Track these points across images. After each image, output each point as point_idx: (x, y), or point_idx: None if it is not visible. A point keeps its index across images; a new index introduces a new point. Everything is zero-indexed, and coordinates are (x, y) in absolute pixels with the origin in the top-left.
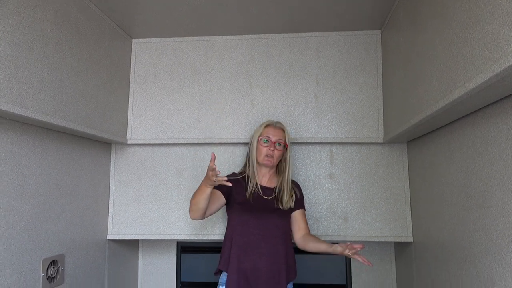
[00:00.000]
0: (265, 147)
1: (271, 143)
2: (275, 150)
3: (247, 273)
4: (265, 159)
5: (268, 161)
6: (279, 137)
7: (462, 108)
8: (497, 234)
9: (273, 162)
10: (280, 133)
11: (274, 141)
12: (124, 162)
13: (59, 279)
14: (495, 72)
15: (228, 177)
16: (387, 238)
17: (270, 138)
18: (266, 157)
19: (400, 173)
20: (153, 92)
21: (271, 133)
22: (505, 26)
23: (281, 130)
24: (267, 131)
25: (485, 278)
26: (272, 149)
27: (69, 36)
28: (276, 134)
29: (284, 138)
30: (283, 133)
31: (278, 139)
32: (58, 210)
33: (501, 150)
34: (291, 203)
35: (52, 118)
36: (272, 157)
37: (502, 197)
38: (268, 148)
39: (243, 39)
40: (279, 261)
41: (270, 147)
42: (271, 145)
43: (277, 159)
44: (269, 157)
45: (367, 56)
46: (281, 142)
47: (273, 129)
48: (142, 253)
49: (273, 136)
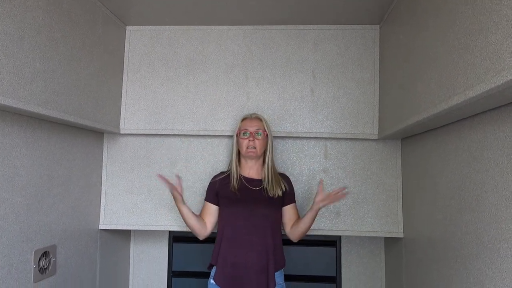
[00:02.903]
0: (245, 139)
1: (250, 134)
2: (255, 140)
3: (235, 264)
4: (248, 151)
5: (252, 152)
6: (257, 126)
7: (460, 112)
8: (488, 238)
9: (256, 153)
10: (257, 123)
11: (253, 132)
12: (117, 152)
13: (51, 270)
14: (496, 84)
15: (214, 177)
16: (378, 234)
17: (248, 130)
18: (248, 149)
19: (393, 169)
20: (147, 82)
21: (248, 125)
22: (509, 38)
23: (257, 119)
24: (244, 124)
25: (474, 280)
26: (252, 139)
27: (61, 24)
28: (253, 124)
29: (263, 126)
30: (260, 122)
31: (256, 128)
32: (50, 201)
33: (496, 157)
34: (278, 191)
35: (44, 109)
36: (255, 148)
37: (496, 203)
38: (248, 140)
39: (240, 29)
40: (268, 251)
41: (250, 138)
42: (250, 136)
43: (260, 149)
44: (251, 148)
45: (364, 51)
46: (260, 131)
47: (250, 121)
48: (134, 242)
49: (251, 127)
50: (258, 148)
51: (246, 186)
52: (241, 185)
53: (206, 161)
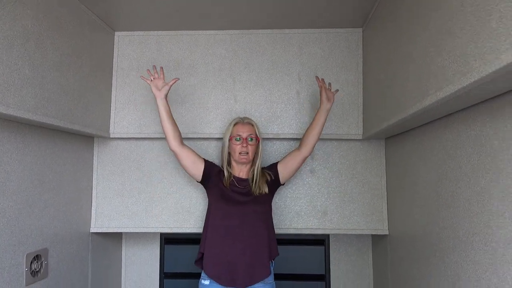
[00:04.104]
0: (238, 145)
1: (243, 140)
2: (248, 146)
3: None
4: (241, 157)
5: (244, 158)
6: (249, 132)
7: (435, 113)
8: (463, 232)
9: (249, 159)
10: (249, 128)
11: (246, 137)
12: (107, 156)
13: (43, 273)
14: (462, 85)
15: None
16: (364, 231)
17: (242, 135)
18: (241, 155)
19: (377, 169)
20: (136, 86)
21: (241, 130)
22: (471, 43)
23: (249, 124)
24: (237, 129)
25: (452, 272)
26: (245, 145)
27: (50, 31)
28: (246, 130)
29: (255, 131)
30: (253, 127)
31: (249, 134)
32: (41, 205)
33: (468, 154)
34: (265, 188)
35: (34, 115)
36: (247, 153)
37: (468, 198)
38: (241, 145)
39: (227, 34)
40: (261, 243)
41: (243, 143)
42: (243, 142)
43: (252, 154)
44: (244, 154)
45: (348, 53)
46: (253, 137)
47: (242, 126)
48: (125, 245)
49: (244, 133)
50: (250, 154)
51: (237, 186)
52: (232, 185)
53: None
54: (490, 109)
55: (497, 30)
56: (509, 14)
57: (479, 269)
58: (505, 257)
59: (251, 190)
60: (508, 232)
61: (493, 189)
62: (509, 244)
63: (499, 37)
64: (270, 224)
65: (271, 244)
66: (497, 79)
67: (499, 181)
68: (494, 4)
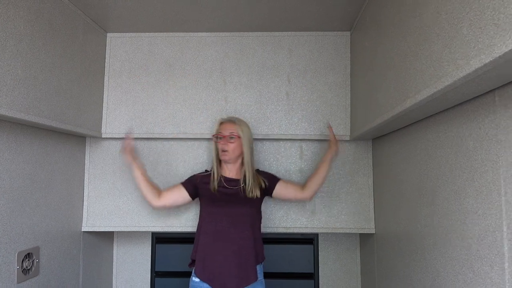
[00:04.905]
0: (219, 143)
1: (224, 138)
2: (228, 143)
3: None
4: (222, 155)
5: (225, 155)
6: (230, 130)
7: (415, 115)
8: (442, 230)
9: (229, 156)
10: (230, 126)
11: (226, 135)
12: (99, 155)
13: (34, 271)
14: (437, 88)
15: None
16: (352, 230)
17: (222, 133)
18: (222, 153)
19: (365, 169)
20: (128, 87)
21: (223, 128)
22: (446, 48)
23: (231, 123)
24: (219, 128)
25: (432, 269)
26: (225, 143)
27: (42, 32)
28: (227, 128)
29: (237, 130)
30: (234, 125)
31: (230, 132)
32: (33, 204)
33: (447, 154)
34: (257, 192)
35: (26, 115)
36: (227, 151)
37: (447, 197)
38: (222, 143)
39: (218, 36)
40: (248, 247)
41: (223, 141)
42: (224, 140)
43: (233, 152)
44: (224, 152)
45: (336, 56)
46: (234, 135)
47: (224, 125)
48: (117, 244)
49: (225, 131)
50: (230, 151)
51: (225, 186)
52: (220, 185)
53: (187, 163)
54: (466, 111)
55: (467, 36)
56: (478, 22)
57: (456, 265)
58: (479, 253)
59: (241, 191)
60: (481, 229)
61: (468, 188)
62: (482, 240)
63: (469, 44)
64: (257, 228)
65: (257, 247)
66: (468, 83)
67: (474, 180)
68: (465, 12)
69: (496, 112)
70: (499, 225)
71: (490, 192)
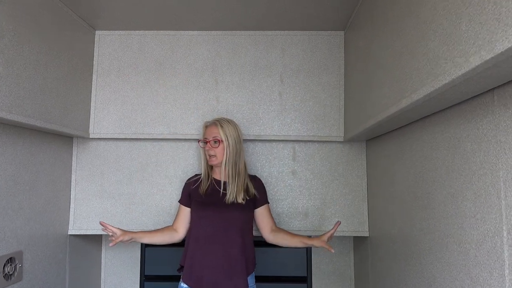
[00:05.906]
0: (205, 148)
1: (207, 144)
2: (213, 149)
3: (203, 265)
4: (209, 160)
5: (212, 161)
6: (213, 134)
7: (411, 115)
8: (438, 234)
9: (218, 160)
10: (213, 130)
11: (210, 141)
12: (87, 156)
13: (16, 276)
14: (435, 87)
15: (189, 179)
16: (345, 233)
17: (206, 139)
18: (210, 158)
19: (359, 170)
20: (117, 86)
21: (207, 133)
22: (444, 45)
23: (214, 127)
24: (204, 133)
25: (428, 274)
26: (210, 148)
27: (27, 28)
28: (210, 132)
29: (219, 133)
30: (217, 128)
31: (213, 137)
32: (16, 206)
33: (443, 156)
34: (239, 198)
35: (8, 114)
36: (215, 156)
37: (443, 200)
38: (207, 149)
39: (209, 35)
40: (237, 252)
41: (208, 147)
42: (208, 145)
43: (220, 156)
44: (212, 157)
45: (330, 56)
46: (217, 139)
47: (209, 128)
48: (105, 247)
49: (208, 136)
50: (218, 156)
51: (216, 189)
52: (211, 188)
53: (177, 164)
54: (463, 111)
55: (466, 33)
56: (477, 18)
57: (453, 270)
58: (477, 258)
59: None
60: (480, 234)
61: (466, 191)
62: (481, 246)
63: (468, 40)
64: (247, 232)
65: (247, 253)
66: (467, 81)
67: (472, 183)
68: (464, 7)
69: (495, 112)
70: (499, 230)
71: (489, 195)
